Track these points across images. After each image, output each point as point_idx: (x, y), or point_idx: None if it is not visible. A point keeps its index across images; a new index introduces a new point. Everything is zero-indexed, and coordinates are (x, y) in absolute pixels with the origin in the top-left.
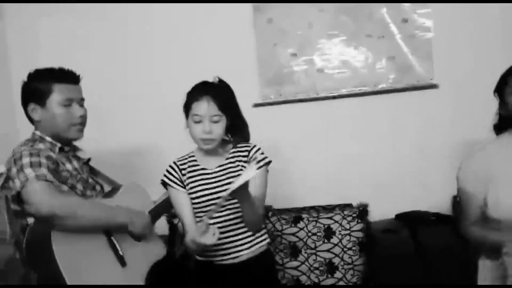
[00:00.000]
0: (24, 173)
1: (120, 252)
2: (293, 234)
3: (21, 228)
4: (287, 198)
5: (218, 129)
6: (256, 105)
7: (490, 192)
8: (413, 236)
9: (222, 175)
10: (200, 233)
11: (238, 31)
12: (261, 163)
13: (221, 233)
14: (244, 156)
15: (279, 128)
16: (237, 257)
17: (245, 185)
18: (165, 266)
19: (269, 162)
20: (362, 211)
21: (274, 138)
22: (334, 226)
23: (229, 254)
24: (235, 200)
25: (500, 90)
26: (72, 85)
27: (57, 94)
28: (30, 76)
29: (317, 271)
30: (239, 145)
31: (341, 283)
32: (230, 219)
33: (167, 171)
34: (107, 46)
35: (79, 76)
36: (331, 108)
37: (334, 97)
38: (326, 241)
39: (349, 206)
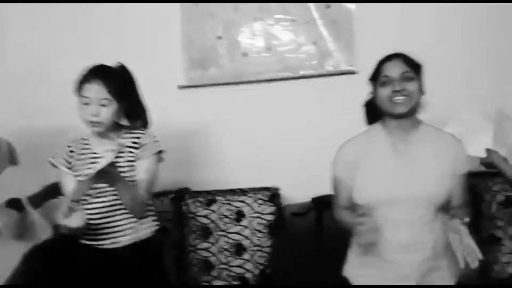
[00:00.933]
0: None
1: None
2: (206, 216)
3: None
4: (208, 181)
5: (106, 113)
6: (182, 87)
7: (357, 179)
8: (318, 219)
9: None
10: (63, 215)
11: (165, 14)
12: (150, 152)
13: (103, 217)
14: (135, 143)
15: (204, 111)
16: (118, 242)
17: (108, 170)
18: (51, 247)
19: (160, 151)
20: (273, 195)
21: (198, 120)
22: (245, 209)
23: (110, 238)
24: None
25: (374, 79)
26: None
27: None
28: None
29: (226, 252)
30: (133, 131)
31: (248, 264)
32: (112, 204)
33: (56, 153)
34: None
35: None
36: (255, 92)
37: (258, 82)
38: (236, 223)
39: (266, 189)
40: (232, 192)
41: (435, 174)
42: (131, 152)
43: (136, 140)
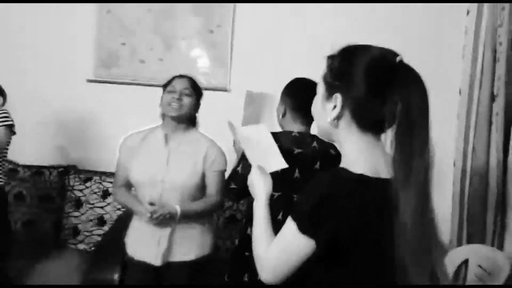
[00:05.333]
0: None
1: None
2: (81, 191)
3: None
4: (96, 160)
5: None
6: (90, 81)
7: (133, 162)
8: None
9: None
10: None
11: (82, 19)
12: None
13: None
14: None
15: (102, 103)
16: None
17: None
18: None
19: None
20: None
21: (98, 110)
22: (112, 189)
23: None
24: None
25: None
26: None
27: None
28: None
29: (91, 222)
30: None
31: None
32: None
33: None
34: None
35: None
36: (149, 94)
37: (151, 85)
38: (102, 200)
39: None
40: (108, 174)
41: (188, 168)
42: None
43: None
